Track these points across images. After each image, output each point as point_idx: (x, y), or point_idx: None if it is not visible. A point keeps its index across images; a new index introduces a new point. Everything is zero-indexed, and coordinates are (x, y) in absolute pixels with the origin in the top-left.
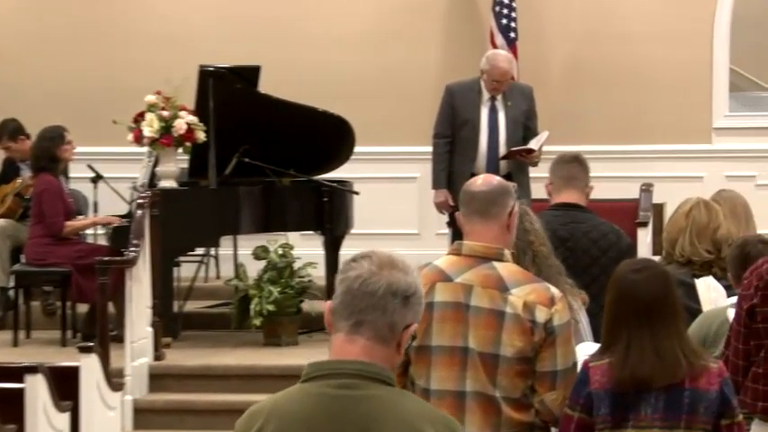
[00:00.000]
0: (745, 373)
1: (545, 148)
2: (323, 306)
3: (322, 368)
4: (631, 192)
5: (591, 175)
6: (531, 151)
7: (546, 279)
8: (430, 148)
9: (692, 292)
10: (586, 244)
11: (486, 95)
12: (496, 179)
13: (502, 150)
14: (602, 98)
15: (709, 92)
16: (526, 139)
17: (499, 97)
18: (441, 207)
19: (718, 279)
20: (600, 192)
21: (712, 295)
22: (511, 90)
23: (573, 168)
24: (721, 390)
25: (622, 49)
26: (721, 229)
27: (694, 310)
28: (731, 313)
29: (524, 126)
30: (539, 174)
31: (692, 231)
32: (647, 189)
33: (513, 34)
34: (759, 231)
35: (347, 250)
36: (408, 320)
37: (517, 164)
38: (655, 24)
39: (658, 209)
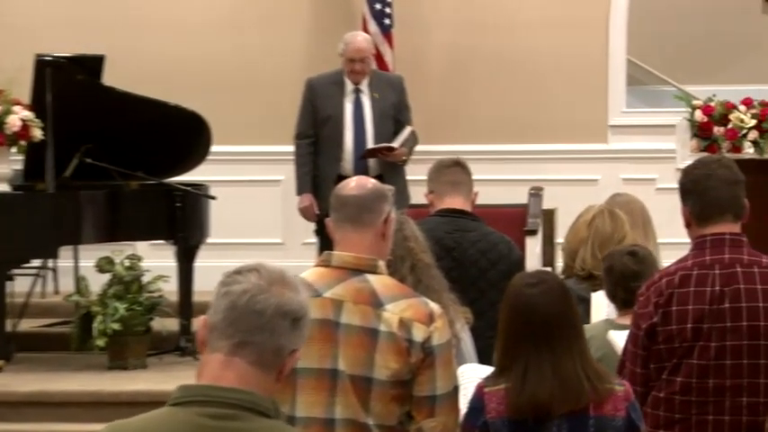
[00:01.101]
0: (644, 400)
1: (421, 148)
2: (175, 324)
3: (195, 393)
4: (518, 196)
5: (474, 178)
6: (391, 149)
7: (426, 292)
8: (294, 149)
9: (586, 305)
10: (474, 255)
11: (349, 87)
12: (371, 182)
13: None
14: (487, 93)
15: (605, 86)
16: (398, 134)
17: (365, 89)
18: (305, 214)
19: None
20: (484, 197)
21: (606, 310)
22: (378, 80)
23: (456, 173)
24: (628, 416)
25: (509, 39)
26: (626, 240)
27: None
28: (614, 337)
29: (395, 120)
30: (415, 176)
31: (594, 242)
32: (536, 193)
33: (388, 21)
34: (660, 240)
35: (202, 262)
36: (294, 345)
37: (390, 164)
38: (545, 11)
39: (549, 215)
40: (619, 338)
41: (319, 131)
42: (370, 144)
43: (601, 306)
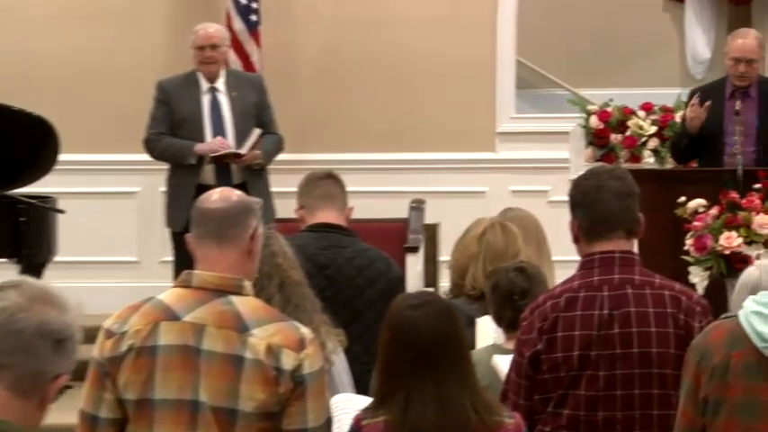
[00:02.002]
0: None
1: (290, 157)
2: None
3: None
4: (398, 210)
5: (349, 190)
6: (239, 155)
7: (296, 312)
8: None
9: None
10: (350, 272)
11: (204, 86)
12: (236, 194)
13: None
14: (364, 96)
15: (492, 89)
16: (246, 139)
17: (221, 87)
18: (221, 144)
19: None
20: (360, 210)
21: (493, 335)
22: (235, 79)
23: (329, 185)
24: None
25: (388, 38)
26: (520, 256)
27: None
28: (499, 362)
29: (257, 121)
30: (282, 188)
31: (485, 258)
32: (417, 206)
33: (254, 17)
34: (555, 258)
35: (49, 282)
36: (59, 370)
37: (255, 172)
38: (427, 8)
39: (431, 230)
40: (504, 364)
41: (175, 135)
42: (233, 147)
43: (487, 331)
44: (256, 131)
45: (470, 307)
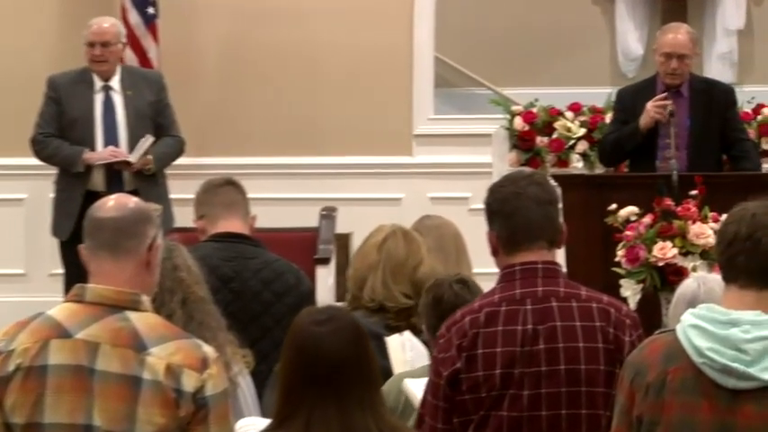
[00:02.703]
0: None
1: (189, 161)
2: None
3: None
4: (307, 218)
5: (253, 196)
6: (129, 164)
7: (200, 330)
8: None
9: (385, 348)
10: (256, 286)
11: (98, 84)
12: (133, 201)
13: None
14: (269, 95)
15: (409, 88)
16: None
17: (116, 86)
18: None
19: (418, 333)
20: (266, 219)
21: (408, 355)
22: (130, 76)
23: (229, 192)
24: None
25: (296, 32)
26: (423, 267)
27: (388, 371)
28: (410, 386)
29: (154, 122)
30: (181, 194)
31: (385, 269)
32: (328, 215)
33: (152, 10)
34: (476, 269)
35: None
36: None
37: (150, 178)
38: None
39: (343, 240)
40: (416, 387)
41: (65, 136)
42: (126, 150)
43: (397, 350)
44: (149, 139)
45: (369, 320)
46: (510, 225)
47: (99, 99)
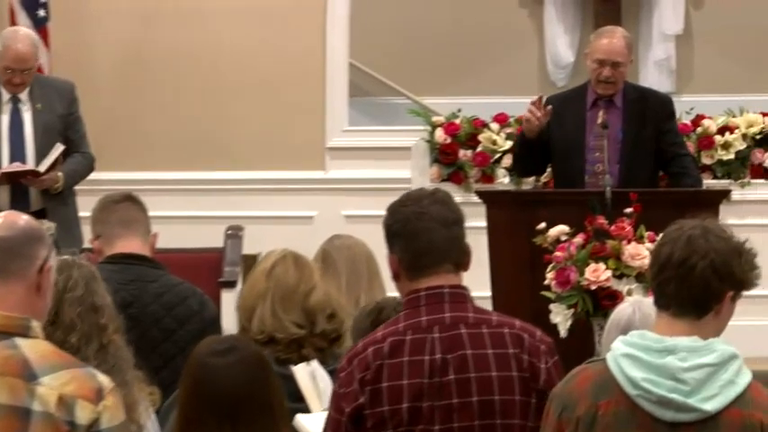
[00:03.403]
0: None
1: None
2: None
3: None
4: (212, 238)
5: (154, 214)
6: (37, 174)
7: (110, 374)
8: None
9: (288, 384)
10: (158, 311)
11: (5, 96)
12: (23, 219)
13: None
14: (171, 105)
15: (322, 97)
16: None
17: (25, 98)
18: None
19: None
20: (167, 239)
21: (320, 386)
22: (41, 88)
23: (128, 209)
24: None
25: (199, 35)
26: (316, 293)
27: (291, 409)
28: (303, 422)
29: (64, 137)
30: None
31: (274, 297)
32: (234, 234)
33: (43, 12)
34: (392, 294)
35: None
36: None
37: (57, 196)
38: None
39: (250, 262)
40: (311, 423)
41: None
42: (32, 166)
43: (306, 380)
44: (59, 147)
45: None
46: (412, 248)
47: (6, 112)
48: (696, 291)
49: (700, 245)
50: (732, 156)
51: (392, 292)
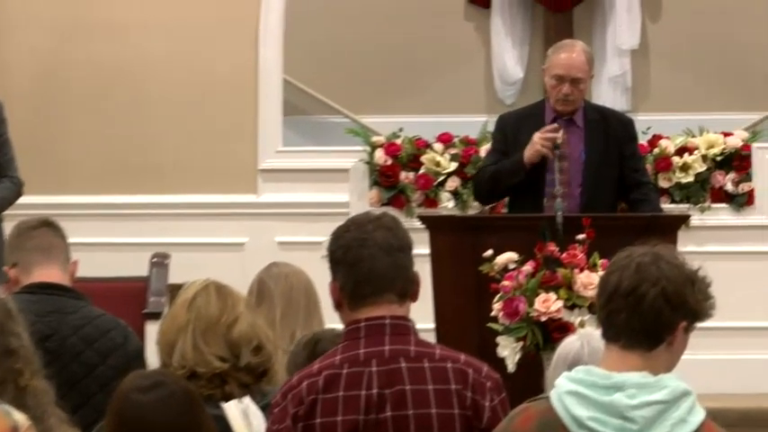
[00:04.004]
0: None
1: None
2: None
3: None
4: (137, 266)
5: (74, 241)
6: None
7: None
8: None
9: (219, 423)
10: (78, 345)
11: None
12: None
13: None
14: (91, 123)
15: (254, 115)
16: None
17: None
18: None
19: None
20: (88, 267)
21: (253, 424)
22: None
23: (46, 236)
24: None
25: (122, 48)
26: (240, 324)
27: None
28: None
29: None
30: None
31: (196, 329)
32: (159, 262)
33: None
34: (332, 326)
35: None
36: None
37: None
38: (172, 11)
39: (177, 292)
40: None
41: None
42: None
43: (238, 418)
44: None
45: None
46: (354, 275)
47: None
48: (647, 321)
49: (650, 272)
50: (691, 178)
51: (335, 324)
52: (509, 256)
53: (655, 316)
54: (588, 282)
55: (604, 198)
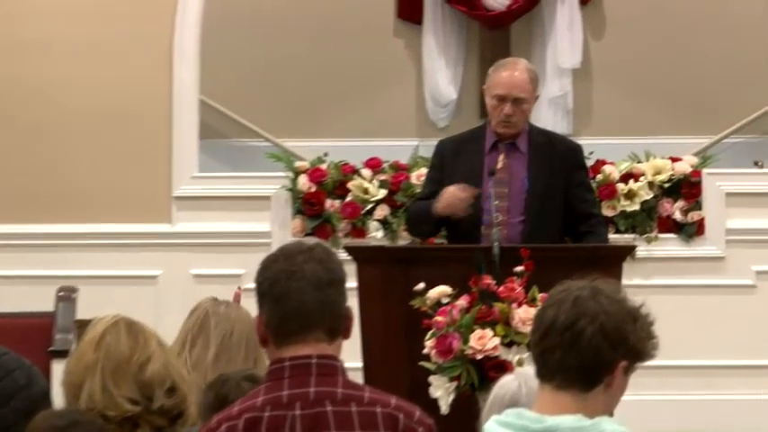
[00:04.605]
0: None
1: None
2: None
3: None
4: (41, 300)
5: None
6: None
7: None
8: None
9: None
10: None
11: None
12: None
13: None
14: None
15: (168, 139)
16: None
17: None
18: None
19: None
20: None
21: None
22: None
23: None
24: None
25: (28, 68)
26: (153, 364)
27: None
28: None
29: None
30: None
31: (105, 369)
32: (66, 296)
33: None
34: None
35: None
36: None
37: None
38: (71, 28)
39: (85, 328)
40: None
41: None
42: None
43: None
44: None
45: None
46: (280, 310)
47: None
48: (584, 359)
49: (588, 307)
50: (637, 207)
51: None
52: (442, 290)
53: (593, 354)
54: (527, 317)
55: (549, 228)
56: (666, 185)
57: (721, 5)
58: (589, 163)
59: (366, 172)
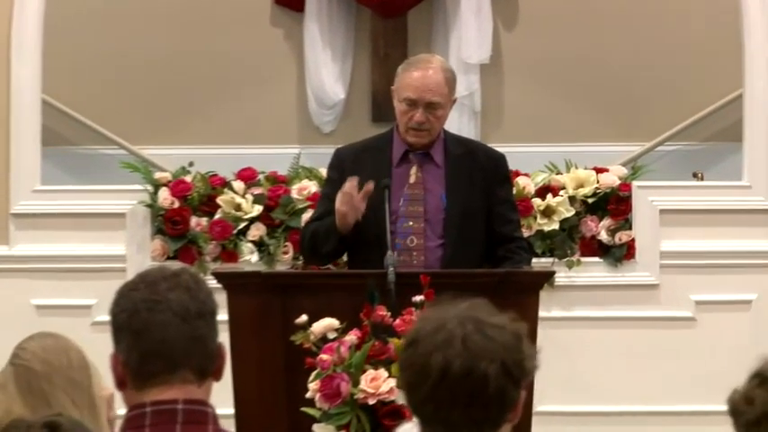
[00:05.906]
0: None
1: None
2: None
3: None
4: None
5: None
6: None
7: None
8: None
9: None
10: None
11: None
12: None
13: None
14: None
15: (5, 145)
16: None
17: None
18: None
19: None
20: None
21: None
22: None
23: None
24: None
25: None
26: (12, 416)
27: None
28: None
29: None
30: None
31: None
32: None
33: None
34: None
35: None
36: None
37: None
38: None
39: None
40: None
41: None
42: None
43: None
44: None
45: None
46: (140, 347)
47: None
48: (491, 409)
49: (481, 345)
50: (556, 225)
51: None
52: (328, 323)
53: (499, 398)
54: None
55: (473, 251)
56: (590, 201)
57: None
58: None
59: (238, 185)
